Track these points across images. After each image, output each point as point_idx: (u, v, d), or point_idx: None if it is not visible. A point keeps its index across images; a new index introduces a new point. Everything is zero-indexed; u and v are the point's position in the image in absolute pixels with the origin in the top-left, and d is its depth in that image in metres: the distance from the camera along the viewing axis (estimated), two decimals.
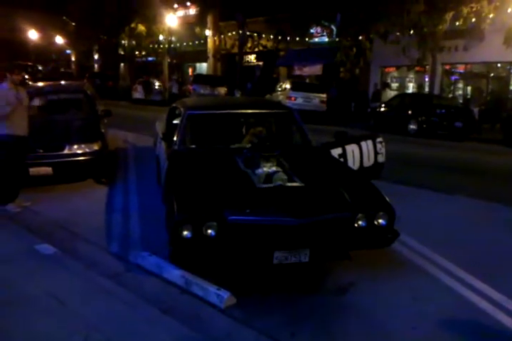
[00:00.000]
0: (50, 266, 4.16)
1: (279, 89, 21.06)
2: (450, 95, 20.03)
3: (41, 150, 6.60)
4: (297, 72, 25.07)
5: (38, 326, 3.22)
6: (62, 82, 12.63)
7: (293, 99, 19.17)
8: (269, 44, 26.71)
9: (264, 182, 4.19)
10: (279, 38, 25.78)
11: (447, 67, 20.19)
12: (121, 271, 4.14)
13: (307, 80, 24.68)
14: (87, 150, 6.81)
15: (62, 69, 38.37)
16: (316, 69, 24.17)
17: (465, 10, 16.44)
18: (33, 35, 38.46)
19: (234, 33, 27.15)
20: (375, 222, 3.97)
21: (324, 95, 20.08)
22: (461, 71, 20.32)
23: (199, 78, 25.49)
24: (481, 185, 7.92)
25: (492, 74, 19.45)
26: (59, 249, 4.49)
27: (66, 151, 6.72)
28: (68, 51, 41.62)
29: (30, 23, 36.61)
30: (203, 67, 31.83)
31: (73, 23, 35.14)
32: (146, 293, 3.69)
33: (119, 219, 5.51)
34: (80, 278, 3.94)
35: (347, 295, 3.79)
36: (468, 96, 19.80)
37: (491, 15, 16.19)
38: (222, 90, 23.80)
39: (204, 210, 3.78)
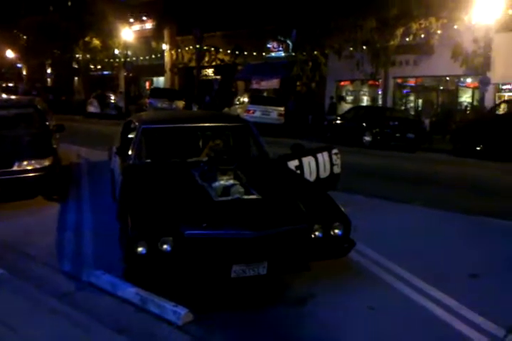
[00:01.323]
0: None
1: (237, 102, 21.19)
2: (402, 108, 20.71)
3: None
4: (255, 86, 25.31)
5: None
6: (12, 97, 12.25)
7: (251, 112, 19.31)
8: (227, 58, 26.91)
9: (221, 195, 4.16)
10: (237, 52, 26.02)
11: (399, 80, 20.91)
12: (74, 290, 3.98)
13: (265, 94, 24.97)
14: (38, 166, 6.56)
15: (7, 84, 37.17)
16: (273, 83, 24.48)
17: (414, 26, 17.17)
18: None
19: (191, 47, 27.22)
20: (332, 233, 4.00)
21: (282, 108, 20.33)
22: (412, 84, 21.08)
23: (156, 92, 25.35)
24: (433, 193, 8.17)
25: (441, 88, 20.28)
26: (7, 271, 4.27)
27: (15, 168, 6.45)
28: (19, 65, 40.50)
29: None
30: (160, 80, 31.68)
31: (25, 37, 34.30)
32: (100, 313, 3.56)
33: (71, 238, 5.31)
34: (31, 300, 3.76)
35: (306, 307, 3.78)
36: (420, 109, 20.54)
37: (439, 31, 16.95)
38: (180, 104, 23.74)
39: (159, 225, 3.70)
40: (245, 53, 25.59)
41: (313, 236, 3.94)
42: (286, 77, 23.25)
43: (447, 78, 19.76)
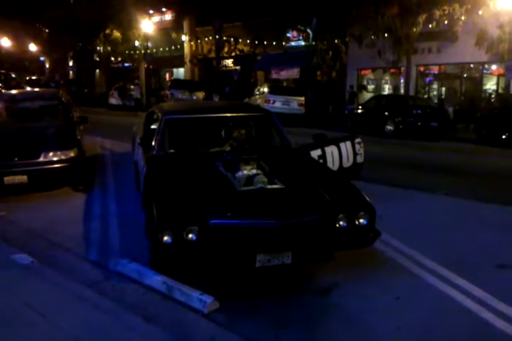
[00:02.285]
0: (27, 276, 4.04)
1: (257, 92, 21.10)
2: (425, 96, 20.34)
3: (16, 159, 6.46)
4: (274, 76, 25.15)
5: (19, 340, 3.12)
6: (37, 90, 12.45)
7: (271, 102, 19.22)
8: (246, 48, 26.77)
9: (244, 185, 4.16)
10: (256, 42, 25.86)
11: (422, 68, 20.52)
12: (101, 279, 4.06)
13: (284, 84, 24.80)
14: (63, 157, 6.68)
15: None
16: (293, 73, 24.28)
17: (438, 12, 16.77)
18: (5, 42, 37.82)
19: (210, 37, 27.14)
20: (356, 222, 3.97)
21: (302, 98, 20.19)
22: (435, 72, 20.66)
23: (177, 83, 25.39)
24: (458, 183, 8.04)
25: (465, 75, 19.83)
26: (36, 259, 4.37)
27: (41, 159, 6.58)
28: (42, 58, 41.04)
29: (3, 30, 36.00)
30: (180, 72, 31.72)
31: (47, 30, 34.69)
32: (128, 301, 3.62)
33: (98, 227, 5.41)
34: (59, 287, 3.84)
35: (331, 296, 3.78)
36: (443, 97, 20.14)
37: (462, 18, 16.54)
38: (201, 95, 23.75)
39: (184, 215, 3.73)
40: (265, 43, 25.41)
41: (337, 225, 3.92)
42: (306, 67, 23.04)
43: (471, 65, 19.31)
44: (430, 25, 17.41)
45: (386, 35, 18.22)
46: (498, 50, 16.26)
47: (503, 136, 13.14)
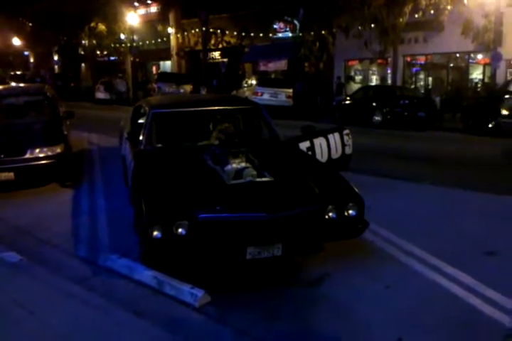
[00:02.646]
0: (16, 274, 4.01)
1: (245, 85, 21.05)
2: (412, 86, 20.43)
3: (2, 155, 6.39)
4: (262, 68, 25.09)
5: (10, 339, 3.09)
6: (22, 85, 12.28)
7: (259, 94, 19.19)
8: (233, 40, 26.62)
9: (233, 178, 4.16)
10: (243, 34, 25.72)
11: (408, 58, 20.59)
12: (91, 275, 4.05)
13: (272, 76, 24.74)
14: (50, 153, 6.61)
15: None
16: (280, 65, 24.24)
17: (424, 2, 16.79)
18: None
19: (197, 30, 26.96)
20: (345, 213, 3.99)
21: (290, 90, 20.17)
22: (422, 62, 20.75)
23: (164, 76, 25.23)
24: (445, 172, 8.11)
25: (452, 65, 19.94)
26: (25, 256, 4.33)
27: (28, 155, 6.51)
28: (26, 53, 40.45)
29: None
30: (167, 65, 31.50)
31: (30, 24, 34.16)
32: (118, 297, 3.61)
33: (86, 223, 5.38)
34: (48, 284, 3.82)
35: (321, 287, 3.81)
36: (430, 87, 20.24)
37: (448, 7, 16.58)
38: (188, 88, 23.63)
39: (173, 210, 3.72)
40: (252, 35, 25.30)
41: (327, 217, 3.94)
42: (294, 58, 23.00)
43: (457, 55, 19.42)
44: (416, 15, 17.44)
45: (373, 25, 18.23)
46: (483, 40, 16.37)
47: (490, 125, 13.25)
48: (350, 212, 4.00)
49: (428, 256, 4.28)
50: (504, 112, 12.87)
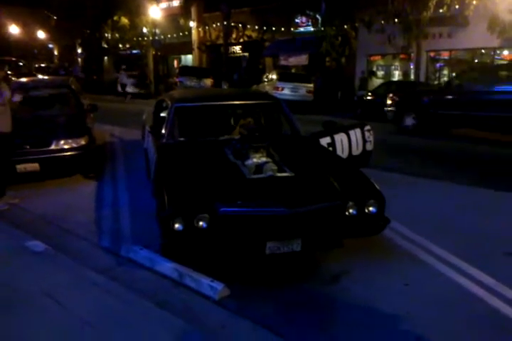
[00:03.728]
0: (41, 263, 4.12)
1: (266, 79, 20.98)
2: (436, 82, 20.11)
3: (28, 147, 6.52)
4: (283, 63, 24.95)
5: (36, 327, 3.17)
6: (47, 77, 12.48)
7: (280, 89, 19.11)
8: (254, 34, 26.55)
9: (254, 173, 4.19)
10: (264, 28, 25.62)
11: (432, 54, 20.25)
12: (113, 265, 4.12)
13: (293, 70, 24.61)
14: (74, 145, 6.73)
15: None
16: (301, 59, 24.08)
17: None
18: (14, 30, 37.84)
19: (218, 24, 26.93)
20: (366, 210, 3.99)
21: (311, 85, 20.03)
22: (446, 58, 20.39)
23: (185, 70, 25.29)
24: (467, 171, 7.99)
25: (476, 61, 19.55)
26: (50, 246, 4.44)
27: (53, 147, 6.64)
28: (51, 46, 41.03)
29: (11, 17, 36.01)
30: (188, 58, 31.58)
31: (55, 17, 34.60)
32: (140, 287, 3.68)
33: (109, 214, 5.47)
34: (73, 273, 3.91)
35: (340, 283, 3.82)
36: None
37: (474, 2, 16.25)
38: (209, 82, 23.68)
39: (195, 203, 3.77)
40: (273, 29, 25.17)
41: (347, 213, 3.94)
42: (315, 53, 22.83)
43: (483, 51, 19.01)
44: (441, 10, 17.12)
45: (396, 20, 17.96)
46: (510, 35, 15.99)
47: None
48: (371, 208, 3.99)
49: (447, 254, 4.25)
50: None
